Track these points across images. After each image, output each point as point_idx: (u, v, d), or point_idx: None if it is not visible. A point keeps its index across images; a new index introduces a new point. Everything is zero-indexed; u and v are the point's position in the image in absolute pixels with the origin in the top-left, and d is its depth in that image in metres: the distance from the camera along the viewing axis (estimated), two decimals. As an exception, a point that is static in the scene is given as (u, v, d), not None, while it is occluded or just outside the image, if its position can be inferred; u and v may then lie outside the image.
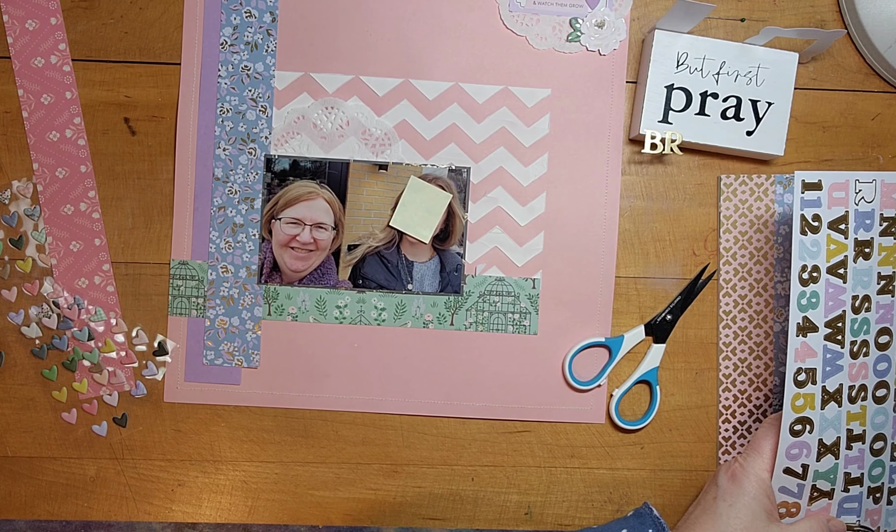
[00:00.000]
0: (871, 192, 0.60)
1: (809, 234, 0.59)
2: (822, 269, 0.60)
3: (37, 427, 0.68)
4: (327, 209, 0.68)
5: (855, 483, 0.62)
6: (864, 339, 0.61)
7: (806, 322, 0.60)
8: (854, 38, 0.68)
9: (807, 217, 0.59)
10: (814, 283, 0.60)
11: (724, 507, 0.59)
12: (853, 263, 0.60)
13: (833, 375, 0.61)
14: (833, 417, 0.61)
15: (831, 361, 0.60)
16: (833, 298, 0.60)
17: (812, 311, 0.60)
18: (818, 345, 0.60)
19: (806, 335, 0.60)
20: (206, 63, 0.67)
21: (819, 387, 0.61)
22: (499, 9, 0.67)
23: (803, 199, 0.59)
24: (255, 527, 0.69)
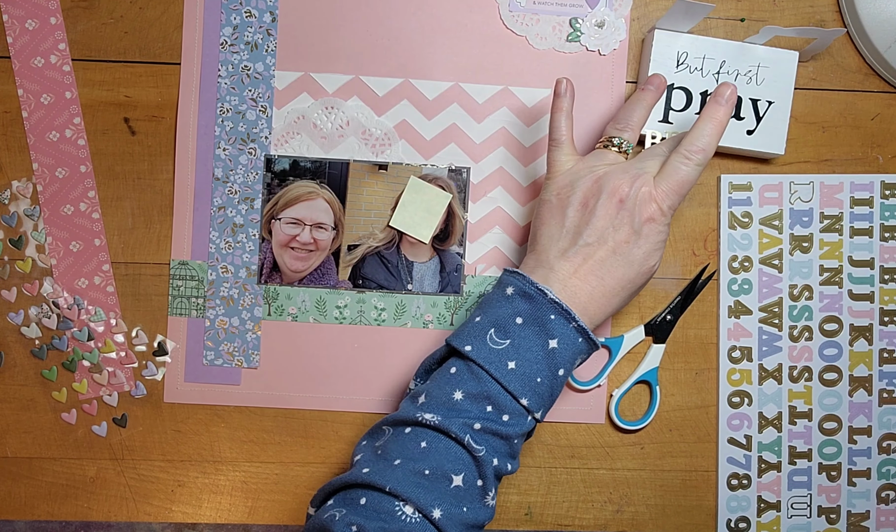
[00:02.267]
0: (808, 192, 0.68)
1: (739, 229, 0.68)
2: (755, 259, 0.68)
3: (37, 427, 0.68)
4: (327, 209, 0.68)
5: (802, 457, 0.68)
6: (807, 324, 0.68)
7: (738, 306, 0.68)
8: (854, 38, 0.68)
9: (735, 214, 0.68)
10: (745, 272, 0.68)
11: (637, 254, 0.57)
12: (789, 256, 0.68)
13: (770, 355, 0.68)
14: (773, 393, 0.68)
15: (768, 342, 0.68)
16: (768, 286, 0.68)
17: (745, 295, 0.68)
18: (753, 327, 0.68)
19: (739, 317, 0.68)
20: (206, 63, 0.67)
21: (755, 364, 0.68)
22: (499, 9, 0.67)
23: (731, 198, 0.68)
24: (255, 527, 0.69)
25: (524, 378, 0.54)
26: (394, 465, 0.53)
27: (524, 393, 0.54)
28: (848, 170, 0.68)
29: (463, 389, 0.54)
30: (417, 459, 0.53)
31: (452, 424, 0.53)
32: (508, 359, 0.54)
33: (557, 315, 0.55)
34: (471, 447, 0.53)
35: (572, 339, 0.55)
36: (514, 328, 0.55)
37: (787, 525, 0.68)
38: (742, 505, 0.68)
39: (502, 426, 0.54)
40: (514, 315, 0.55)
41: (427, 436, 0.54)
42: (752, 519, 0.68)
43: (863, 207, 0.68)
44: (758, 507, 0.68)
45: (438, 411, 0.54)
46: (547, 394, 0.55)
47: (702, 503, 0.69)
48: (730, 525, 0.68)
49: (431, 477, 0.52)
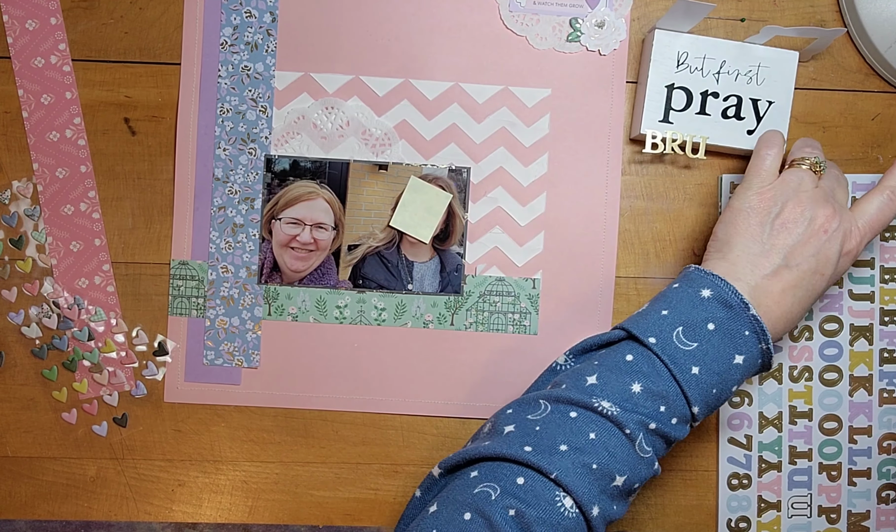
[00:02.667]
0: None
1: None
2: None
3: (37, 427, 0.68)
4: (327, 209, 0.68)
5: (802, 457, 0.68)
6: (807, 324, 0.68)
7: None
8: (854, 38, 0.68)
9: None
10: None
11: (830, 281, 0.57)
12: None
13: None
14: (773, 393, 0.68)
15: None
16: None
17: None
18: None
19: None
20: (206, 63, 0.67)
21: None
22: (499, 9, 0.67)
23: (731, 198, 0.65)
24: (255, 527, 0.69)
25: (703, 386, 0.53)
26: (560, 451, 0.50)
27: (698, 401, 0.53)
28: (848, 170, 0.68)
29: (642, 383, 0.52)
30: (586, 451, 0.50)
31: (630, 420, 0.51)
32: (693, 363, 0.52)
33: (752, 332, 0.54)
34: (641, 448, 0.52)
35: (754, 359, 0.54)
36: (704, 333, 0.53)
37: (788, 525, 0.68)
38: (742, 505, 0.68)
39: (671, 429, 0.53)
40: (707, 320, 0.53)
41: (598, 427, 0.51)
42: (753, 519, 0.68)
43: None
44: (758, 506, 0.68)
45: (615, 400, 0.52)
46: (713, 406, 0.54)
47: (702, 503, 0.69)
48: (730, 525, 0.68)
49: (597, 473, 0.50)
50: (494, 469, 0.50)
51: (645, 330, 0.54)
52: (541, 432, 0.51)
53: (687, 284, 0.56)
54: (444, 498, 0.51)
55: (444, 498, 0.51)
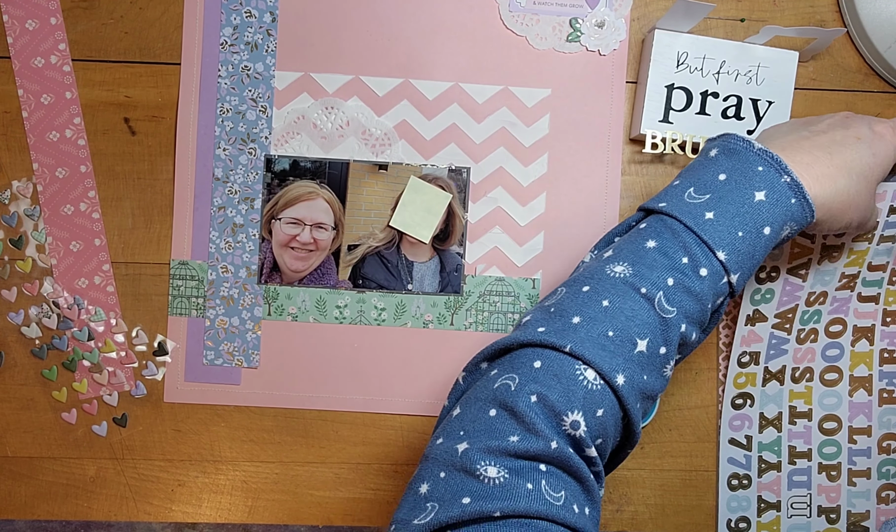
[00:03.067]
0: None
1: None
2: (783, 269, 0.65)
3: (37, 427, 0.68)
4: (327, 209, 0.68)
5: (802, 457, 0.68)
6: (814, 327, 0.66)
7: (756, 314, 0.66)
8: (854, 38, 0.68)
9: None
10: (770, 281, 0.66)
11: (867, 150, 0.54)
12: (817, 265, 0.65)
13: (777, 358, 0.67)
14: (774, 394, 0.67)
15: (776, 346, 0.66)
16: (789, 295, 0.66)
17: (765, 304, 0.66)
18: (765, 332, 0.66)
19: (755, 325, 0.66)
20: (206, 63, 0.67)
21: (761, 367, 0.67)
22: (499, 9, 0.67)
23: None
24: (255, 527, 0.69)
25: (724, 229, 0.49)
26: (573, 324, 0.48)
27: (722, 245, 0.49)
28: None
29: (657, 239, 0.49)
30: (600, 320, 0.47)
31: (644, 279, 0.48)
32: (707, 210, 0.49)
33: (766, 166, 0.50)
34: (661, 308, 0.48)
35: (783, 195, 0.50)
36: (715, 184, 0.50)
37: (787, 525, 0.68)
38: (742, 505, 0.68)
39: (697, 282, 0.48)
40: (717, 173, 0.51)
41: (611, 292, 0.48)
42: (753, 519, 0.68)
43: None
44: (758, 506, 0.68)
45: (628, 261, 0.49)
46: (747, 253, 0.50)
47: (702, 503, 0.69)
48: (730, 525, 0.68)
49: (616, 340, 0.47)
50: (512, 359, 0.48)
51: (657, 200, 0.52)
52: (555, 313, 0.49)
53: (699, 154, 0.55)
54: (466, 398, 0.49)
55: (466, 398, 0.49)
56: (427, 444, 0.49)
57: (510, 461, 0.45)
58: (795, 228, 0.52)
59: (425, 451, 0.48)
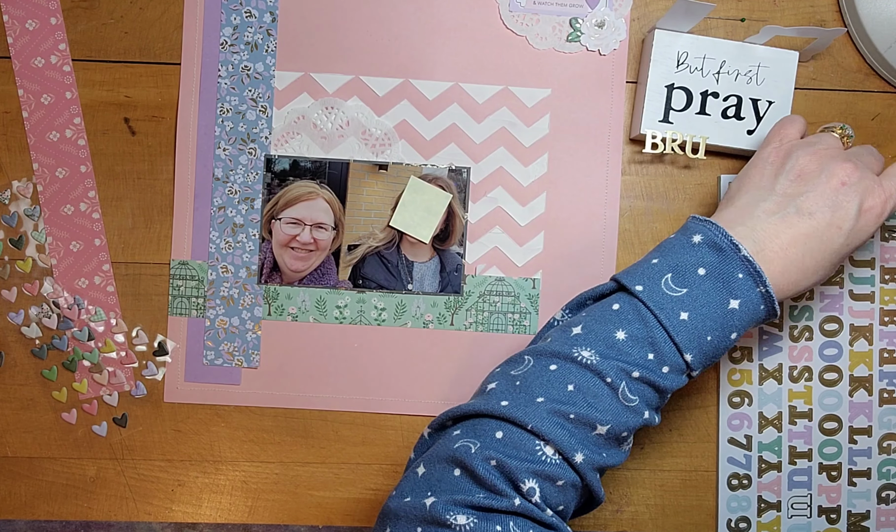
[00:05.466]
0: None
1: None
2: None
3: (37, 427, 0.68)
4: (327, 209, 0.68)
5: (802, 457, 0.68)
6: (807, 324, 0.68)
7: None
8: (854, 38, 0.68)
9: None
10: None
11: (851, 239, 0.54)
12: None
13: (771, 355, 0.68)
14: (773, 393, 0.68)
15: (768, 343, 0.68)
16: None
17: None
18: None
19: None
20: (206, 63, 0.67)
21: (756, 364, 0.68)
22: (499, 9, 0.67)
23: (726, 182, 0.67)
24: (255, 527, 0.69)
25: (694, 332, 0.50)
26: (537, 402, 0.49)
27: (690, 348, 0.51)
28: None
29: (627, 330, 0.51)
30: (564, 402, 0.49)
31: (610, 369, 0.50)
32: (682, 309, 0.50)
33: (746, 275, 0.51)
34: (624, 397, 0.50)
35: (754, 304, 0.51)
36: (694, 278, 0.51)
37: (788, 525, 0.68)
38: (742, 505, 0.68)
39: (660, 378, 0.50)
40: (697, 265, 0.52)
41: (577, 377, 0.50)
42: (753, 519, 0.68)
43: None
44: (758, 507, 0.68)
45: (596, 349, 0.50)
46: (711, 355, 0.52)
47: (702, 503, 0.69)
48: (730, 525, 0.68)
49: (576, 421, 0.49)
50: (475, 425, 0.50)
51: (633, 279, 0.52)
52: (520, 386, 0.51)
53: (681, 232, 0.55)
54: (428, 456, 0.51)
55: (428, 456, 0.51)
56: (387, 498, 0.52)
57: (477, 512, 0.47)
58: (754, 327, 0.54)
59: (391, 507, 0.50)
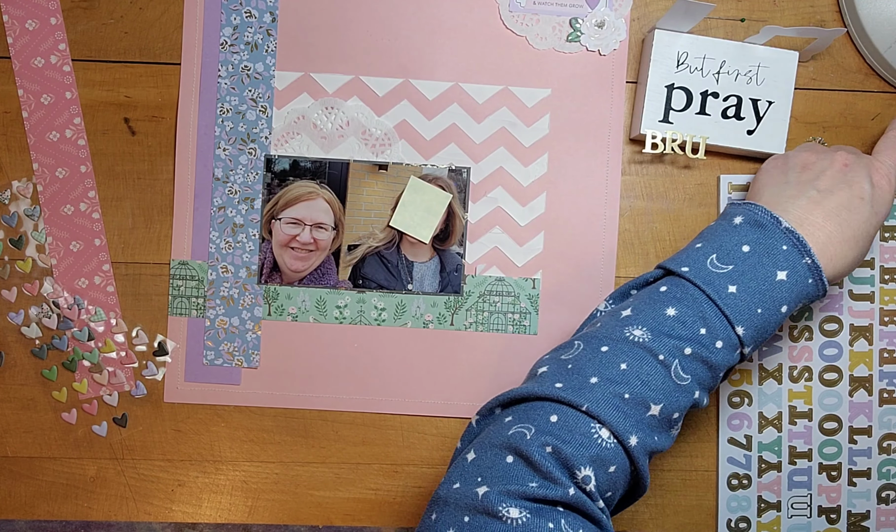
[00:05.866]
0: None
1: None
2: None
3: (37, 427, 0.68)
4: (327, 209, 0.68)
5: (802, 457, 0.68)
6: (806, 324, 0.68)
7: None
8: (854, 38, 0.68)
9: None
10: None
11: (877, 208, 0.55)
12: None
13: (771, 355, 0.68)
14: (773, 393, 0.68)
15: (768, 342, 0.67)
16: None
17: None
18: None
19: None
20: (206, 63, 0.67)
21: (756, 364, 0.68)
22: (499, 9, 0.67)
23: (731, 198, 0.67)
24: (255, 527, 0.69)
25: (744, 305, 0.51)
26: (591, 384, 0.49)
27: (741, 320, 0.51)
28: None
29: (676, 308, 0.51)
30: (617, 381, 0.49)
31: (662, 346, 0.50)
32: (730, 283, 0.51)
33: (791, 246, 0.52)
34: (677, 375, 0.50)
35: (802, 276, 0.52)
36: (739, 254, 0.52)
37: (788, 525, 0.68)
38: (742, 505, 0.68)
39: (713, 354, 0.51)
40: (742, 243, 0.52)
41: (630, 356, 0.50)
42: (753, 519, 0.68)
43: None
44: (758, 506, 0.68)
45: (648, 326, 0.51)
46: (763, 329, 0.52)
47: (702, 503, 0.69)
48: (730, 525, 0.68)
49: (631, 402, 0.49)
50: (528, 410, 0.50)
51: (678, 263, 0.53)
52: (573, 369, 0.51)
53: (721, 217, 0.56)
54: (480, 442, 0.50)
55: (480, 442, 0.50)
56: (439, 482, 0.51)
57: (530, 504, 0.46)
58: (807, 303, 0.54)
59: (441, 494, 0.49)
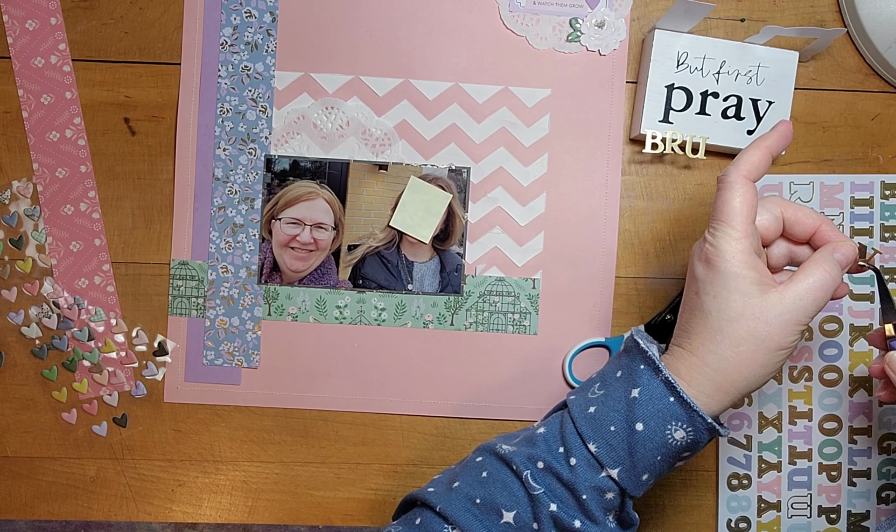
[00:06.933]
0: (808, 192, 0.67)
1: None
2: None
3: (37, 427, 0.68)
4: (327, 209, 0.68)
5: (802, 457, 0.68)
6: None
7: None
8: (854, 38, 0.68)
9: None
10: None
11: (709, 301, 0.51)
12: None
13: None
14: (773, 393, 0.68)
15: None
16: None
17: None
18: None
19: None
20: (206, 63, 0.67)
21: None
22: (499, 9, 0.67)
23: None
24: (255, 527, 0.69)
25: (597, 423, 0.51)
26: (452, 488, 0.54)
27: (593, 437, 0.51)
28: (848, 170, 0.68)
29: (547, 427, 0.54)
30: (474, 487, 0.53)
31: (517, 457, 0.52)
32: (592, 404, 0.53)
33: (646, 365, 0.52)
34: (528, 484, 0.51)
35: (658, 394, 0.50)
36: (612, 380, 0.53)
37: (788, 525, 0.68)
38: (742, 505, 0.68)
39: (566, 470, 0.51)
40: (617, 369, 0.54)
41: (492, 466, 0.54)
42: (753, 519, 0.68)
43: (863, 207, 0.68)
44: (758, 506, 0.68)
45: (517, 444, 0.54)
46: (622, 448, 0.51)
47: (702, 503, 0.69)
48: (730, 525, 0.68)
49: (482, 507, 0.52)
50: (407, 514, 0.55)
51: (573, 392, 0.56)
52: (452, 476, 0.55)
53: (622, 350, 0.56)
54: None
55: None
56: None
57: None
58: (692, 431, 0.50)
59: None
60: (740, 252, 0.50)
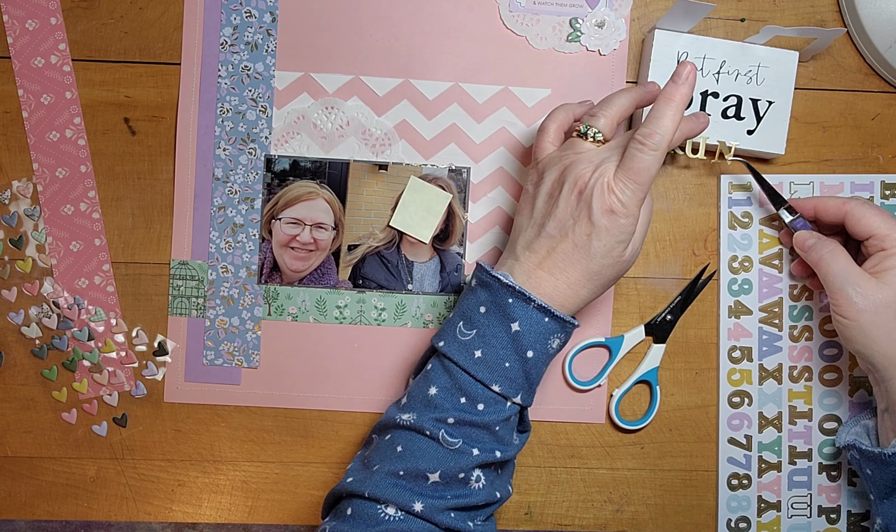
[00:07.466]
0: (808, 192, 0.68)
1: (739, 229, 0.68)
2: (755, 259, 0.68)
3: (37, 427, 0.68)
4: (327, 209, 0.68)
5: (802, 457, 0.68)
6: (807, 324, 0.68)
7: (739, 306, 0.68)
8: (854, 38, 0.68)
9: (735, 214, 0.68)
10: (745, 272, 0.68)
11: (598, 247, 0.54)
12: (789, 256, 0.68)
13: (771, 355, 0.68)
14: (773, 393, 0.68)
15: (768, 343, 0.68)
16: (768, 286, 0.68)
17: (745, 296, 0.68)
18: (753, 327, 0.68)
19: (739, 317, 0.68)
20: (206, 63, 0.67)
21: (756, 364, 0.68)
22: (499, 9, 0.67)
23: (731, 198, 0.68)
24: (255, 527, 0.69)
25: (492, 365, 0.55)
26: (372, 471, 0.55)
27: (494, 379, 0.55)
28: (848, 170, 0.68)
29: (437, 384, 0.56)
30: (393, 462, 0.54)
31: (426, 422, 0.54)
32: (475, 348, 0.55)
33: (515, 298, 0.55)
34: (445, 442, 0.54)
35: (535, 320, 0.55)
36: (478, 318, 0.56)
37: (788, 525, 0.68)
38: (742, 505, 0.68)
39: (478, 416, 0.55)
40: (478, 305, 0.56)
41: (403, 438, 0.55)
42: (753, 519, 0.68)
43: None
44: (758, 506, 0.68)
45: (415, 410, 0.56)
46: (520, 377, 0.55)
47: (702, 503, 0.69)
48: (730, 525, 0.68)
49: (407, 477, 0.54)
50: (336, 509, 0.56)
51: (438, 337, 0.57)
52: (366, 463, 0.56)
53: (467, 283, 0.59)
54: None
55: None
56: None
57: None
58: (563, 336, 0.57)
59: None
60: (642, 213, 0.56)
